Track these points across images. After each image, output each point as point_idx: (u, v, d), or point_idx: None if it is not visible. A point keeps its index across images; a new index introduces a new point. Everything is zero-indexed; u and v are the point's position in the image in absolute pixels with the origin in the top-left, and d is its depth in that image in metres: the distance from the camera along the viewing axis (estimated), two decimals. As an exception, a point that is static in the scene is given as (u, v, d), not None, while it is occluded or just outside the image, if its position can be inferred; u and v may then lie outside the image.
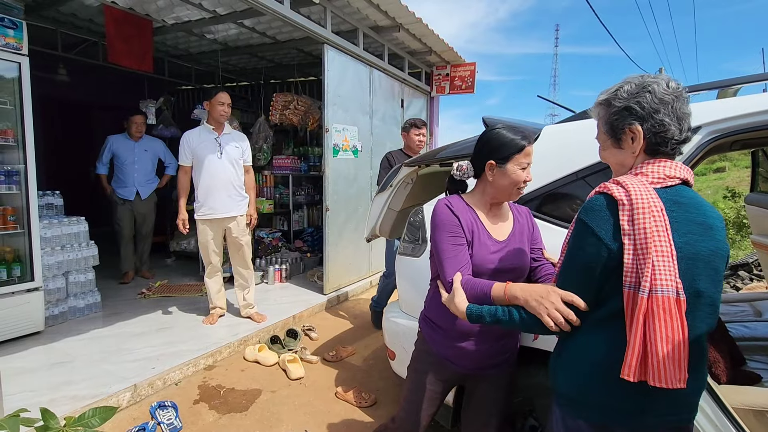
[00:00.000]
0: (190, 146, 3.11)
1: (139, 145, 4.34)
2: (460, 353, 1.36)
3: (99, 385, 2.28)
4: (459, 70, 5.90)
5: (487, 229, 1.38)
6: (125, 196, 4.29)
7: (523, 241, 1.42)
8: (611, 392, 0.92)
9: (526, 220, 1.48)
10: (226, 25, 4.38)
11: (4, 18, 2.61)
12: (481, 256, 1.33)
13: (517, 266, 1.37)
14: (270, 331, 3.24)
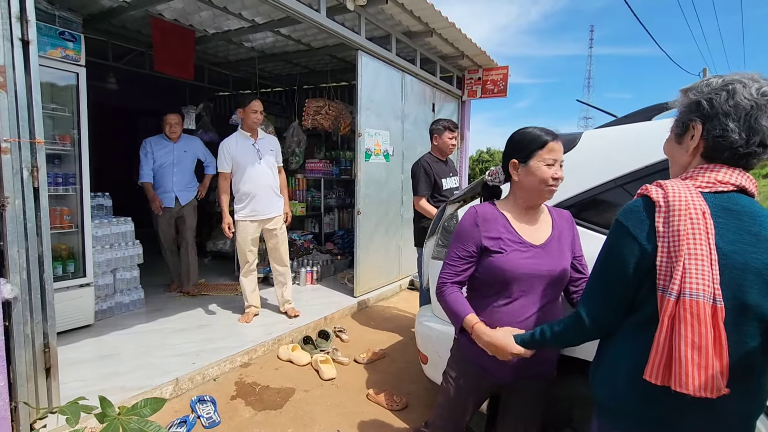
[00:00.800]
0: (230, 153, 3.25)
1: (177, 146, 3.99)
2: (498, 363, 1.31)
3: (144, 378, 2.40)
4: (491, 73, 5.84)
5: (520, 234, 1.35)
6: (164, 204, 3.96)
7: (563, 246, 1.38)
8: (646, 399, 0.90)
9: (569, 224, 1.43)
10: (263, 34, 4.52)
11: (65, 32, 2.81)
12: (513, 262, 1.31)
13: (555, 272, 1.33)
14: (302, 331, 3.31)
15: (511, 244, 1.33)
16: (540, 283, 1.33)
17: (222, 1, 3.75)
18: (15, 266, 1.74)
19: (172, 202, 3.97)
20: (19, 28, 1.71)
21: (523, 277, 1.31)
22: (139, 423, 1.25)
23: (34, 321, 1.83)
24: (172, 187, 3.95)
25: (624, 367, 0.94)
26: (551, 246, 1.36)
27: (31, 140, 1.79)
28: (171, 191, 3.95)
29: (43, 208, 1.85)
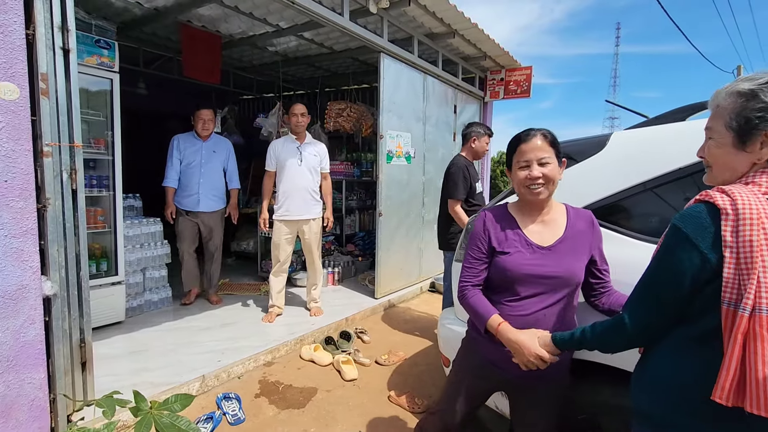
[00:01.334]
0: (275, 153, 3.41)
1: (207, 145, 3.68)
2: (505, 357, 1.33)
3: (172, 374, 2.47)
4: (514, 74, 5.77)
5: (527, 236, 1.38)
6: (187, 207, 3.61)
7: (577, 247, 1.36)
8: (704, 417, 0.86)
9: (587, 225, 1.40)
10: (287, 38, 4.60)
11: (100, 39, 2.92)
12: (517, 263, 1.34)
13: (561, 274, 1.32)
14: (324, 332, 3.34)
15: (516, 245, 1.37)
16: (544, 284, 1.34)
17: (248, 7, 3.83)
18: (54, 264, 1.82)
19: (196, 205, 3.62)
20: (61, 38, 1.79)
21: (526, 278, 1.33)
22: (170, 418, 1.29)
23: (71, 317, 1.91)
24: (198, 188, 3.62)
25: (678, 382, 0.90)
26: (560, 248, 1.35)
27: (70, 144, 1.87)
28: (196, 193, 3.62)
29: (81, 209, 1.93)
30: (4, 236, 1.63)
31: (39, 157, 1.76)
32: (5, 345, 1.66)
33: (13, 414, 1.70)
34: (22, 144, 1.67)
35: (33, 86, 1.72)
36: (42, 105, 1.75)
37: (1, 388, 1.65)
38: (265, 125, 4.96)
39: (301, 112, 3.39)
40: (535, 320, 1.33)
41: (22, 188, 1.68)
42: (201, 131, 3.65)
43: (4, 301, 1.64)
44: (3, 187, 1.62)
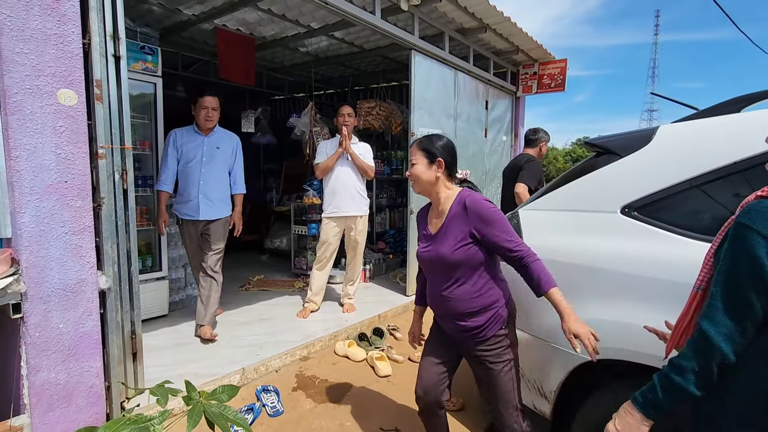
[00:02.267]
0: (326, 151, 3.55)
1: (209, 140, 3.02)
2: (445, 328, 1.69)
3: (214, 366, 2.57)
4: (548, 67, 5.62)
5: (428, 226, 1.67)
6: (187, 214, 2.99)
7: (449, 232, 1.54)
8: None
9: (461, 209, 1.54)
10: (318, 38, 4.66)
11: (144, 46, 3.06)
12: (419, 250, 1.65)
13: (437, 257, 1.56)
14: (357, 328, 3.38)
15: (422, 235, 1.68)
16: (435, 267, 1.60)
17: (281, 9, 3.91)
18: (109, 260, 1.93)
19: (196, 212, 2.98)
20: (113, 46, 1.90)
21: (423, 263, 1.65)
22: (219, 408, 1.35)
23: (123, 310, 2.03)
24: (197, 192, 2.97)
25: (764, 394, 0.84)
26: (440, 233, 1.59)
27: (121, 146, 1.98)
28: (195, 198, 2.97)
29: (131, 207, 2.04)
30: (65, 233, 1.75)
31: (94, 159, 1.87)
32: (67, 335, 1.77)
33: (74, 399, 1.82)
34: (79, 147, 1.78)
35: (88, 92, 1.83)
36: (96, 110, 1.86)
37: (64, 375, 1.77)
38: (298, 125, 5.05)
39: (348, 112, 3.49)
40: (443, 299, 1.60)
41: (80, 188, 1.79)
42: (203, 122, 2.98)
43: (66, 294, 1.76)
44: (64, 188, 1.74)
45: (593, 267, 1.64)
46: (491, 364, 1.58)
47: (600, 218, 1.69)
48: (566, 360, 1.66)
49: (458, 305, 1.56)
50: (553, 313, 1.72)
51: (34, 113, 1.66)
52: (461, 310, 1.57)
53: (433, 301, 1.66)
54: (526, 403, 1.89)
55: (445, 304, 1.59)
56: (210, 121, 3.00)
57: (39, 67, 1.66)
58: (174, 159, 2.99)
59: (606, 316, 1.58)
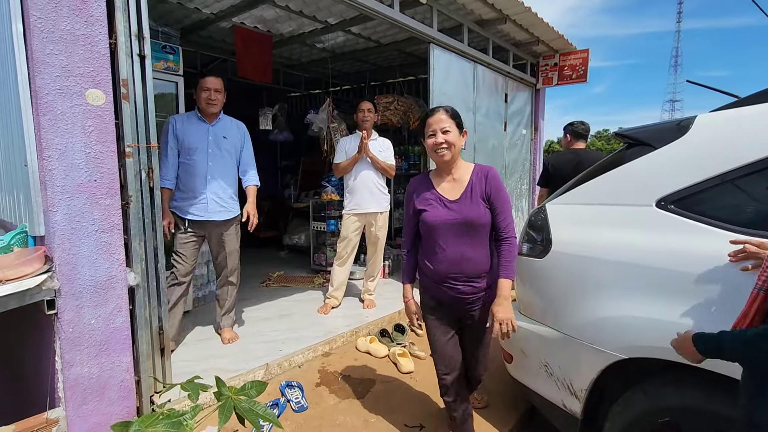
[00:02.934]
0: (345, 148, 3.54)
1: (215, 129, 2.68)
2: (446, 296, 1.77)
3: (239, 361, 2.60)
4: (569, 58, 5.48)
5: (440, 193, 1.75)
6: (192, 215, 2.62)
7: (475, 197, 1.71)
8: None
9: (481, 176, 1.74)
10: (335, 34, 4.64)
11: (166, 45, 3.10)
12: (435, 214, 1.72)
13: (464, 219, 1.69)
14: (378, 324, 3.37)
15: (432, 202, 1.74)
16: (455, 230, 1.70)
17: (298, 6, 3.90)
18: (137, 257, 1.96)
19: (205, 212, 2.65)
20: (138, 45, 1.92)
21: (441, 226, 1.71)
22: (248, 403, 1.36)
23: (151, 306, 2.06)
24: (205, 189, 2.65)
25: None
26: (463, 199, 1.71)
27: (148, 145, 2.00)
28: (203, 195, 2.64)
29: (157, 205, 2.07)
30: (95, 231, 1.78)
31: (122, 157, 1.89)
32: (98, 330, 1.81)
33: (106, 393, 1.86)
34: (108, 146, 1.81)
35: (115, 92, 1.86)
36: (123, 109, 1.88)
37: (96, 369, 1.81)
38: (316, 121, 5.06)
39: (368, 107, 3.48)
40: (462, 260, 1.70)
41: (109, 187, 1.82)
42: (206, 107, 2.63)
43: (97, 290, 1.80)
44: (93, 186, 1.77)
45: (626, 262, 1.59)
46: (485, 323, 1.78)
47: (633, 212, 1.64)
48: (598, 358, 1.62)
49: (477, 266, 1.72)
50: (585, 311, 1.69)
51: (64, 113, 1.68)
52: (478, 270, 1.73)
53: (449, 266, 1.72)
54: (555, 402, 1.86)
55: (463, 265, 1.71)
56: (213, 104, 2.64)
57: (68, 67, 1.69)
58: (174, 150, 2.61)
59: (640, 313, 1.53)
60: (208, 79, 2.65)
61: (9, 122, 1.95)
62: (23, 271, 1.62)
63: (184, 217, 2.65)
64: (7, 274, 1.59)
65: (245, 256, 4.87)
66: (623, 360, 1.55)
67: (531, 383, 1.99)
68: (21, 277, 1.61)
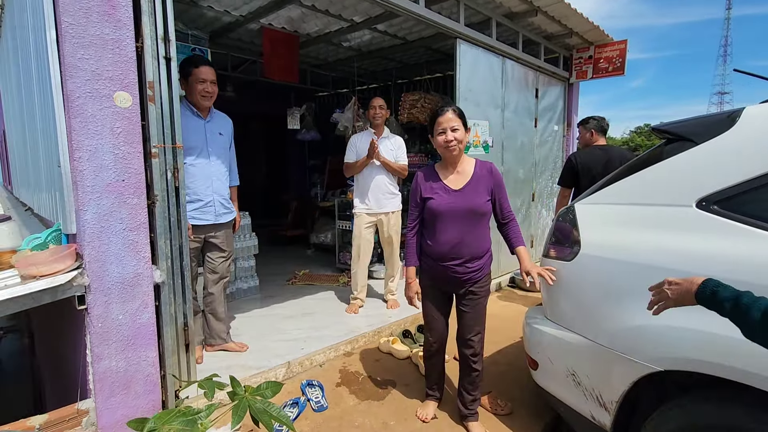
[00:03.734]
0: (355, 146, 3.52)
1: (210, 125, 2.52)
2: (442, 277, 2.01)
3: (261, 359, 2.63)
4: (605, 50, 5.23)
5: (445, 184, 1.96)
6: (200, 219, 2.49)
7: (479, 188, 1.94)
8: None
9: (486, 172, 1.98)
10: (361, 32, 4.63)
11: (195, 48, 3.18)
12: (440, 202, 1.93)
13: (467, 207, 1.92)
14: (401, 324, 3.34)
15: (438, 191, 1.95)
16: (458, 216, 1.92)
17: (324, 5, 3.91)
18: (162, 255, 2.01)
19: (212, 215, 2.52)
20: (164, 48, 1.96)
21: (446, 212, 1.92)
22: (263, 404, 1.36)
23: (176, 302, 2.11)
24: (211, 191, 2.50)
25: None
26: (467, 189, 1.94)
27: (173, 145, 2.04)
28: (209, 198, 2.50)
29: (182, 204, 2.11)
30: (123, 229, 1.83)
31: (148, 158, 1.94)
32: (125, 326, 1.87)
33: (133, 386, 1.92)
34: (135, 147, 1.86)
35: (141, 94, 1.91)
36: (149, 110, 1.93)
37: (123, 363, 1.87)
38: (341, 120, 5.07)
39: (379, 104, 3.44)
40: (462, 244, 1.93)
41: (136, 186, 1.87)
42: (200, 100, 2.43)
43: (124, 287, 1.85)
44: (121, 186, 1.82)
45: (663, 267, 1.48)
46: (479, 297, 2.01)
47: (671, 213, 1.52)
48: (631, 369, 1.51)
49: (474, 249, 1.95)
50: (617, 318, 1.58)
51: (94, 116, 1.74)
52: (475, 252, 1.96)
53: (450, 249, 1.94)
54: (583, 413, 1.76)
55: (463, 249, 1.93)
56: (209, 98, 2.45)
57: (98, 71, 1.74)
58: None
59: (678, 322, 1.41)
60: (203, 68, 2.41)
61: (47, 125, 2.05)
62: (56, 268, 1.69)
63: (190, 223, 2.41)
64: (42, 270, 1.67)
65: (272, 254, 4.97)
66: (658, 372, 1.44)
67: (557, 392, 1.90)
68: (54, 273, 1.68)
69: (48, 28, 1.71)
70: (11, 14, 3.21)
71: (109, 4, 1.75)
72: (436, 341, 2.15)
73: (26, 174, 3.48)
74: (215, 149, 2.52)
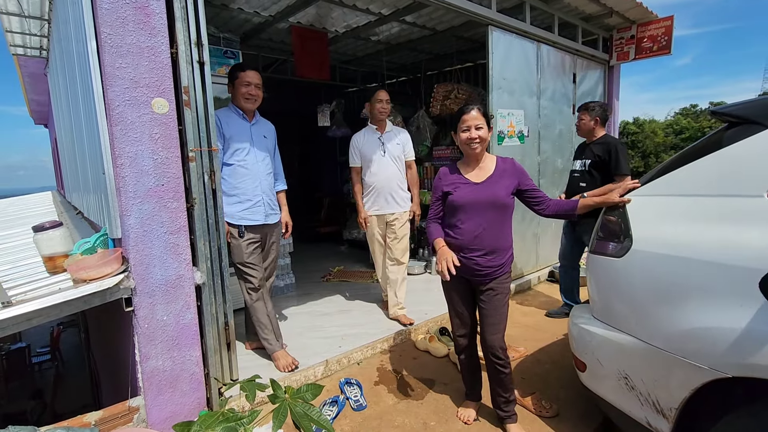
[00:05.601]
0: (357, 147, 3.27)
1: (255, 128, 2.59)
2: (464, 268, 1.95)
3: (300, 356, 2.65)
4: (649, 28, 4.90)
5: (467, 178, 2.00)
6: (251, 220, 2.51)
7: (502, 180, 1.98)
8: None
9: (509, 165, 2.03)
10: (389, 25, 4.56)
11: (227, 50, 3.22)
12: (462, 194, 1.97)
13: (488, 199, 1.94)
14: (438, 321, 3.29)
15: (460, 184, 2.00)
16: (479, 208, 1.95)
17: None
18: (202, 256, 2.05)
19: (263, 215, 2.56)
20: (197, 52, 1.98)
21: (467, 204, 1.96)
22: (303, 407, 1.35)
23: (217, 303, 2.15)
24: (260, 191, 2.55)
25: None
26: (488, 182, 1.97)
27: (209, 149, 2.07)
28: (258, 198, 2.54)
29: (219, 206, 2.14)
30: (164, 233, 1.88)
31: (186, 161, 1.98)
32: (170, 326, 1.93)
33: (179, 385, 1.98)
34: (173, 151, 1.90)
35: (177, 99, 1.94)
36: (186, 115, 1.96)
37: (169, 363, 1.93)
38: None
39: (386, 98, 3.20)
40: (478, 234, 1.95)
41: (175, 190, 1.91)
42: (245, 103, 2.49)
43: (167, 288, 1.91)
44: (161, 190, 1.87)
45: (731, 264, 1.35)
46: (499, 294, 1.99)
47: (739, 204, 1.38)
48: (693, 374, 1.40)
49: (495, 242, 1.96)
50: (676, 319, 1.47)
51: (134, 123, 1.79)
52: (497, 245, 1.96)
53: (472, 240, 1.95)
54: (638, 419, 1.65)
55: (485, 240, 1.94)
56: (252, 101, 2.51)
57: (135, 79, 1.78)
58: (221, 151, 2.40)
59: (747, 324, 1.29)
60: (248, 72, 2.47)
61: (92, 133, 2.13)
62: (104, 272, 1.75)
63: (238, 224, 2.48)
64: (91, 274, 1.73)
65: (306, 251, 5.02)
66: (726, 378, 1.32)
67: (608, 396, 1.79)
68: (102, 276, 1.75)
69: (89, 39, 1.76)
70: (57, 28, 3.37)
71: (144, 13, 1.78)
72: (463, 335, 2.15)
73: (76, 179, 3.67)
74: (261, 151, 2.59)
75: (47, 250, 2.00)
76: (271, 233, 2.70)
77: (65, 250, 2.01)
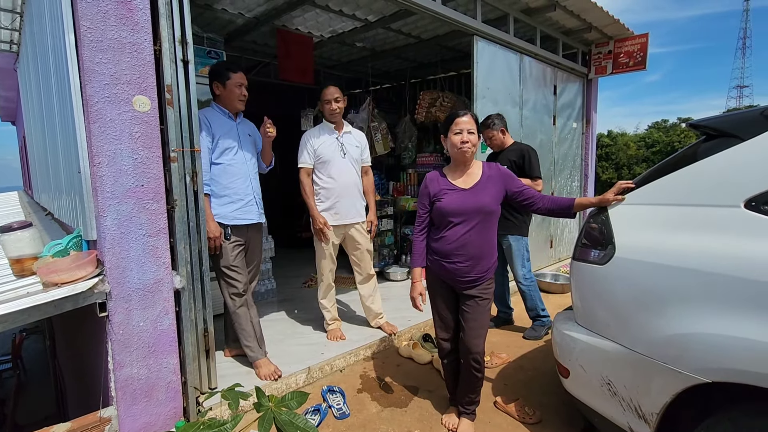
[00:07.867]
0: (312, 146, 2.84)
1: (241, 127, 2.54)
2: (449, 275, 2.00)
3: (281, 364, 2.58)
4: (625, 44, 5.09)
5: (454, 184, 1.99)
6: (241, 219, 2.46)
7: (488, 186, 1.97)
8: None
9: (495, 171, 2.03)
10: (374, 31, 4.58)
11: (211, 51, 3.16)
12: (450, 201, 1.95)
13: (476, 206, 1.93)
14: (421, 328, 3.27)
15: (447, 191, 1.98)
16: (466, 214, 1.93)
17: (338, 4, 3.87)
18: (182, 260, 1.98)
19: (255, 214, 2.54)
20: (181, 51, 1.93)
21: (454, 211, 1.94)
22: (288, 415, 1.31)
23: (196, 308, 2.08)
24: (250, 189, 2.52)
25: None
26: (477, 188, 1.96)
27: (191, 149, 2.02)
28: (249, 196, 2.51)
29: (201, 209, 2.08)
30: (142, 235, 1.81)
31: (167, 162, 1.92)
32: (146, 333, 1.85)
33: (154, 394, 1.89)
34: (153, 151, 1.84)
35: (160, 97, 1.88)
36: (168, 114, 1.90)
37: (145, 371, 1.85)
38: (356, 120, 5.03)
39: (334, 96, 2.80)
40: (464, 241, 1.93)
41: (155, 191, 1.85)
42: (237, 104, 2.47)
43: (145, 293, 1.83)
44: (141, 191, 1.80)
45: (708, 272, 1.39)
46: (482, 300, 1.99)
47: (716, 214, 1.43)
48: (674, 380, 1.43)
49: (481, 248, 1.95)
50: (657, 326, 1.50)
51: (113, 120, 1.72)
52: (482, 252, 1.96)
53: (457, 247, 1.94)
54: (620, 424, 1.67)
55: (470, 247, 1.93)
56: (244, 102, 2.50)
57: (116, 75, 1.72)
58: (207, 149, 2.31)
59: (725, 330, 1.33)
60: (241, 73, 2.46)
61: (67, 131, 2.04)
62: (77, 275, 1.67)
63: (227, 224, 2.40)
64: (63, 277, 1.65)
65: (287, 257, 4.94)
66: (705, 384, 1.36)
67: (591, 401, 1.81)
68: (75, 280, 1.66)
69: (67, 32, 1.69)
70: (30, 21, 3.24)
71: (127, 7, 1.73)
72: (447, 339, 2.14)
73: (46, 179, 3.51)
74: (248, 150, 2.55)
75: (15, 252, 1.90)
76: (255, 235, 2.64)
77: (34, 252, 1.91)
